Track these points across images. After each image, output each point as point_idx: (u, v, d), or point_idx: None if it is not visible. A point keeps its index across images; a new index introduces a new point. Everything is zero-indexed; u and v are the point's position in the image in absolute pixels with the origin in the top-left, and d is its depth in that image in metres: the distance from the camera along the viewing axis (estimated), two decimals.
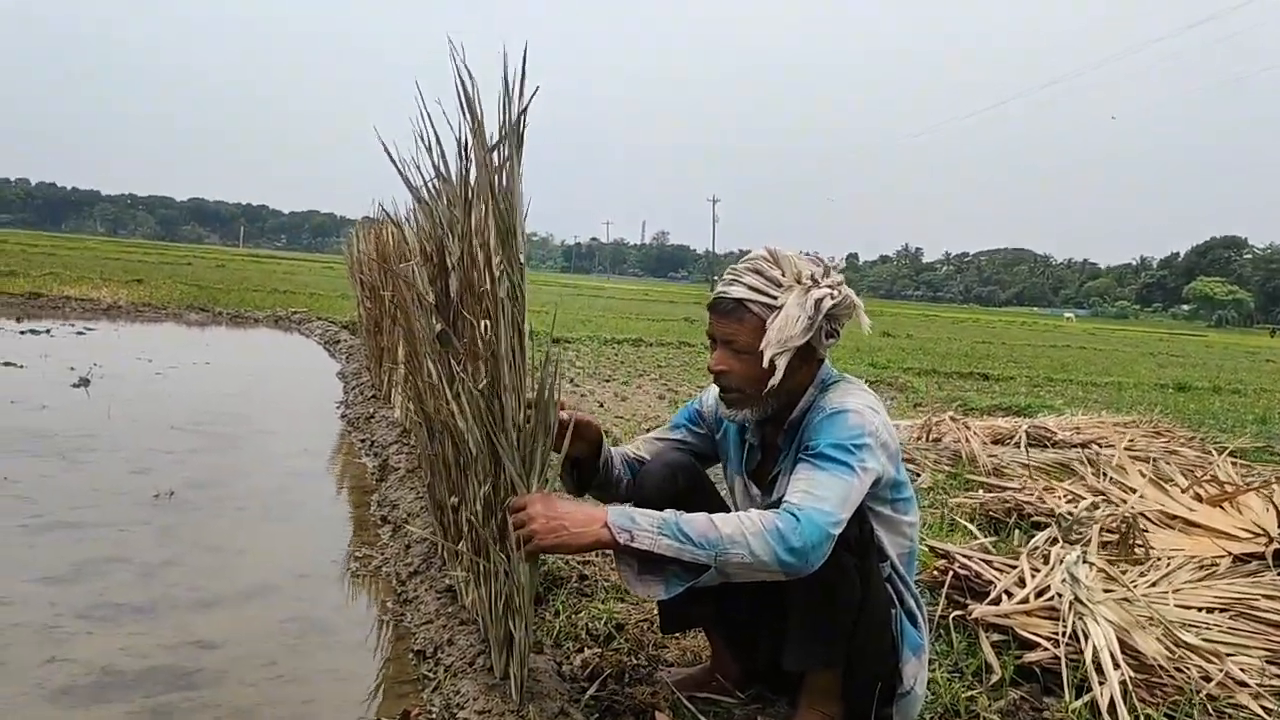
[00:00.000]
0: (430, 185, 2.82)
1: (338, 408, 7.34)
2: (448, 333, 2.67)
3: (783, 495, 2.00)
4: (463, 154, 2.57)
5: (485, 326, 2.19)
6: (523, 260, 2.19)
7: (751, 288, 2.14)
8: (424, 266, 2.85)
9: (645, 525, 1.90)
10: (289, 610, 3.14)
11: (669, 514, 1.93)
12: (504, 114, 2.34)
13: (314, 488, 4.86)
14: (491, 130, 2.37)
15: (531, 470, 2.16)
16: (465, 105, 2.49)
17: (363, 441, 5.84)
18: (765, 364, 2.08)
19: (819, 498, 1.95)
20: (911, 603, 2.30)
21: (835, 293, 2.13)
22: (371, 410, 6.53)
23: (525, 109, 2.30)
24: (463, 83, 2.47)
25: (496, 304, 2.17)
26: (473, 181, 2.51)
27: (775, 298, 2.12)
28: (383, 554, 3.70)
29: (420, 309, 2.85)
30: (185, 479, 4.63)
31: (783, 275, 2.14)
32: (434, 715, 2.35)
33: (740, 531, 1.89)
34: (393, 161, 2.93)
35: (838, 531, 1.93)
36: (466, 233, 2.44)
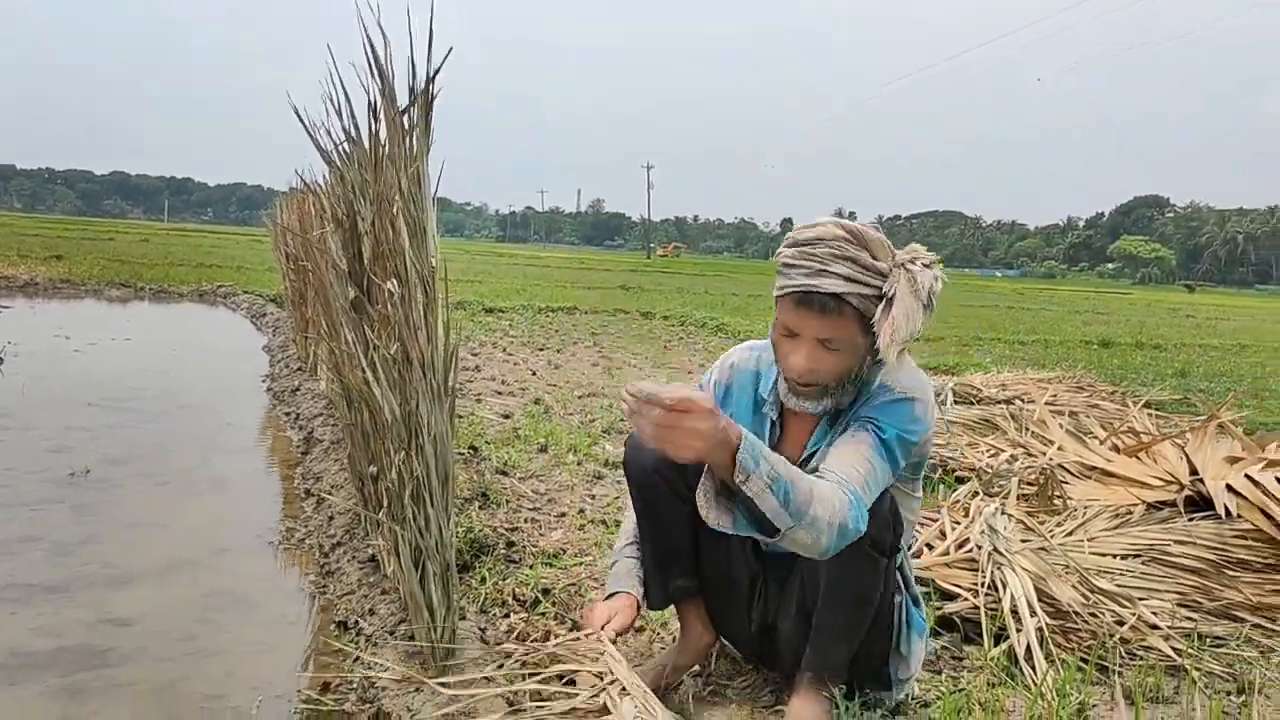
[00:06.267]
0: (341, 149, 2.77)
1: (263, 381, 7.21)
2: (362, 299, 2.63)
3: (831, 469, 1.90)
4: (372, 116, 2.52)
5: (392, 286, 2.15)
6: (428, 226, 2.15)
7: (848, 279, 1.91)
8: (337, 232, 2.81)
9: (762, 473, 1.72)
10: (209, 585, 3.09)
11: (782, 467, 1.76)
12: (412, 76, 2.30)
13: (237, 462, 4.78)
14: (404, 92, 2.33)
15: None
16: (374, 67, 2.44)
17: (288, 415, 5.75)
18: (890, 361, 1.92)
19: (871, 493, 1.89)
20: (915, 588, 2.27)
21: (936, 273, 1.96)
22: (297, 383, 6.44)
23: (436, 73, 2.26)
24: (372, 44, 2.42)
25: (407, 266, 2.14)
26: (383, 143, 2.46)
27: (878, 288, 1.92)
28: (306, 526, 3.65)
29: (334, 275, 2.81)
30: (103, 456, 4.52)
31: (876, 260, 1.92)
32: (354, 685, 2.33)
33: (826, 519, 1.77)
34: (303, 125, 2.87)
35: None
36: (378, 196, 2.40)
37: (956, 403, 6.25)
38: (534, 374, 7.62)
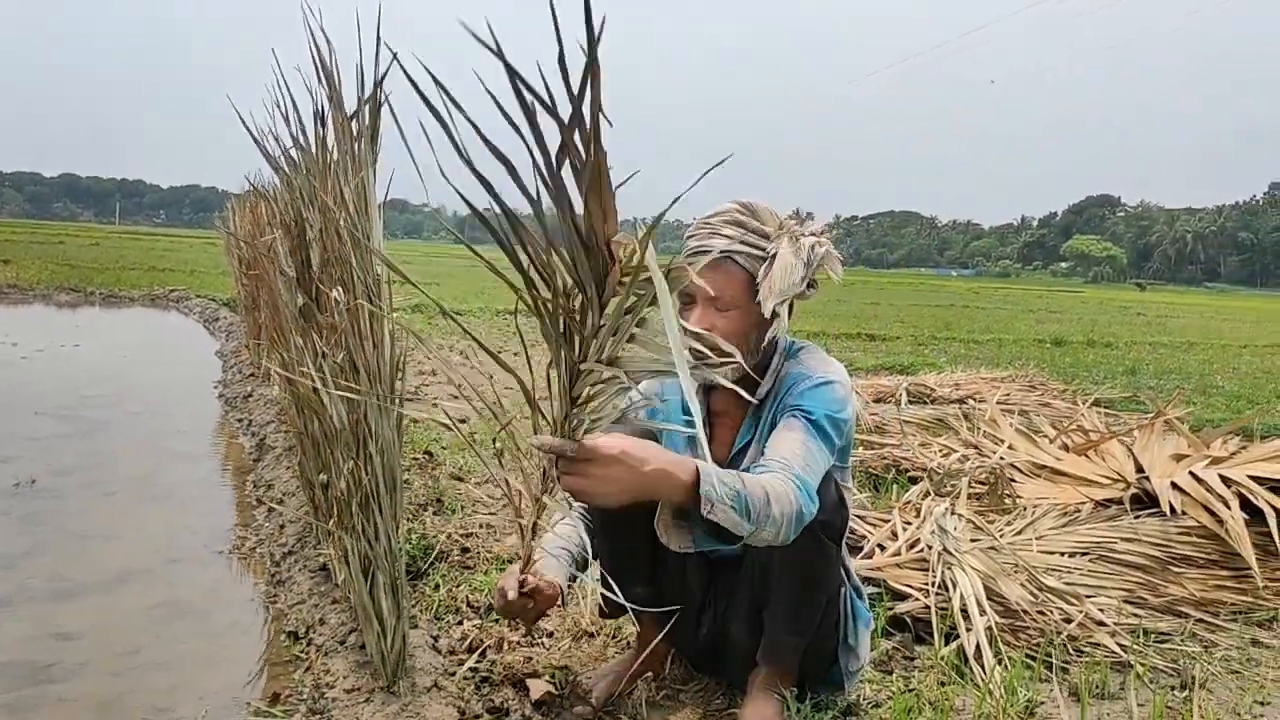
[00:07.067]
0: (289, 155, 2.74)
1: (215, 387, 7.12)
2: (310, 306, 2.61)
3: (772, 457, 1.93)
4: (319, 121, 2.50)
5: (338, 294, 2.13)
6: (371, 238, 2.13)
7: (735, 239, 2.03)
8: (285, 239, 2.78)
9: (725, 496, 1.74)
10: (157, 596, 3.04)
11: (734, 482, 1.78)
12: (360, 82, 2.28)
13: (188, 470, 4.71)
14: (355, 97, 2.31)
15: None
16: (321, 71, 2.42)
17: (240, 421, 5.69)
18: (767, 313, 2.01)
19: (814, 474, 1.92)
20: (856, 577, 2.30)
21: (821, 240, 2.06)
22: (250, 389, 6.36)
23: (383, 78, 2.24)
24: (318, 48, 2.40)
25: (353, 275, 2.12)
26: (331, 149, 2.44)
27: (762, 248, 2.03)
28: (257, 535, 3.61)
29: (282, 282, 2.78)
30: (50, 466, 4.44)
31: (765, 225, 2.05)
32: (304, 695, 2.31)
33: (782, 512, 1.80)
34: (249, 131, 2.84)
35: None
36: (325, 203, 2.38)
37: (910, 402, 6.31)
38: (491, 377, 7.58)
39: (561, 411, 1.61)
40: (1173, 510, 3.44)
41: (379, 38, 2.24)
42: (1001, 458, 4.36)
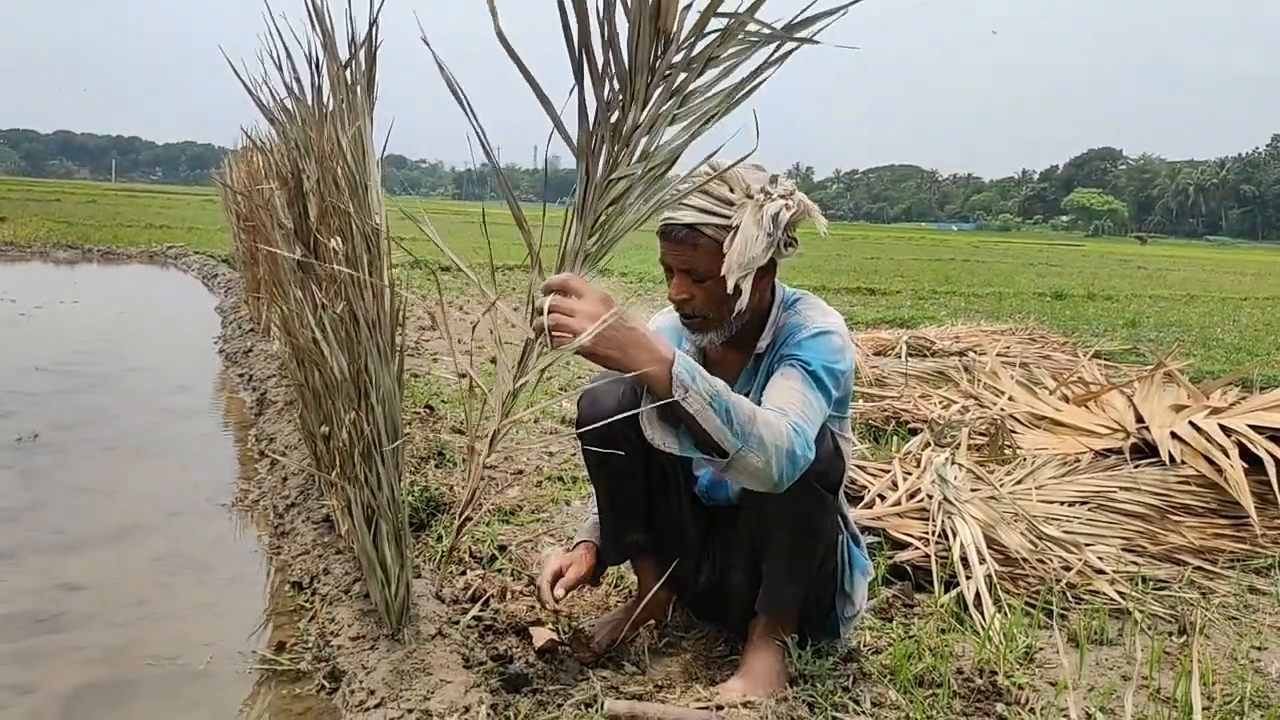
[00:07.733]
0: (283, 105, 2.72)
1: (215, 343, 7.12)
2: (309, 258, 2.59)
3: (769, 405, 1.91)
4: (314, 70, 2.47)
5: (336, 245, 2.12)
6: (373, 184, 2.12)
7: (702, 210, 1.99)
8: (282, 191, 2.76)
9: (701, 389, 1.76)
10: (161, 549, 3.06)
11: (721, 387, 1.80)
12: (351, 28, 2.25)
13: (189, 425, 4.72)
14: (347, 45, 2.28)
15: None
16: (314, 18, 2.39)
17: (241, 376, 5.69)
18: (730, 288, 1.97)
19: (811, 423, 1.91)
20: (854, 525, 2.31)
21: (789, 203, 2.01)
22: (250, 344, 6.36)
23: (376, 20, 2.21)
24: None
25: (351, 225, 2.11)
26: (326, 98, 2.42)
27: (728, 217, 1.98)
28: (260, 488, 3.62)
29: (280, 234, 2.77)
30: (51, 421, 4.44)
31: (731, 193, 1.99)
32: (310, 644, 2.33)
33: (773, 441, 1.80)
34: (242, 81, 2.81)
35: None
36: (321, 153, 2.36)
37: (911, 355, 6.31)
38: (490, 332, 7.58)
39: (573, 240, 1.76)
40: (1172, 459, 3.46)
41: None
42: (1002, 409, 4.37)
